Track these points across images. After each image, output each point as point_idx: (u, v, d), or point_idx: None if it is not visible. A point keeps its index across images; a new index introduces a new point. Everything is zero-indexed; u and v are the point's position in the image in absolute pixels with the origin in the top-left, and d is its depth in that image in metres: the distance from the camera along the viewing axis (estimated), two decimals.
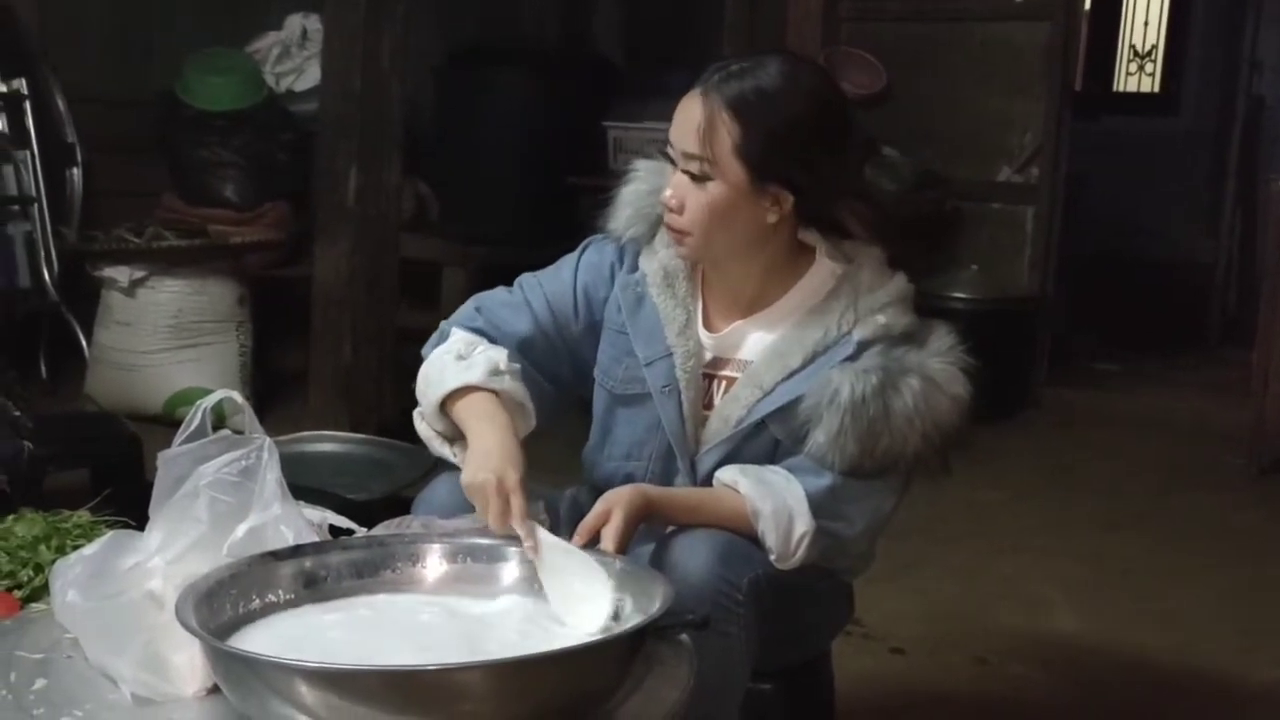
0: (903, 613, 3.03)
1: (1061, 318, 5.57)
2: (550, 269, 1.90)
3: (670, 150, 1.72)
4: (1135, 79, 8.42)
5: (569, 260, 1.89)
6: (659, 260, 1.81)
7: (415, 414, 1.80)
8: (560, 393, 1.87)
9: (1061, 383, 5.38)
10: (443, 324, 1.86)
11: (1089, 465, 4.56)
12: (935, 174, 5.24)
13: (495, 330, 1.82)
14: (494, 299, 1.87)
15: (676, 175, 1.71)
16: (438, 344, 1.82)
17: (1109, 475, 4.45)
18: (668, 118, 1.74)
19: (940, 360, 1.70)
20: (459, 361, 1.74)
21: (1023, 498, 4.14)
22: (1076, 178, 5.56)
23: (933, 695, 2.75)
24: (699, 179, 1.69)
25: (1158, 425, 5.03)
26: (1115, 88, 8.42)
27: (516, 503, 1.55)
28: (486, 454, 1.62)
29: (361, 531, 1.69)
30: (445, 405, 1.74)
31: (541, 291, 1.86)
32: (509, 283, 1.91)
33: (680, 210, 1.71)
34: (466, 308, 1.87)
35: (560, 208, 4.90)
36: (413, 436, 1.84)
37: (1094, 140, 6.43)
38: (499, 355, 1.75)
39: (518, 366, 1.76)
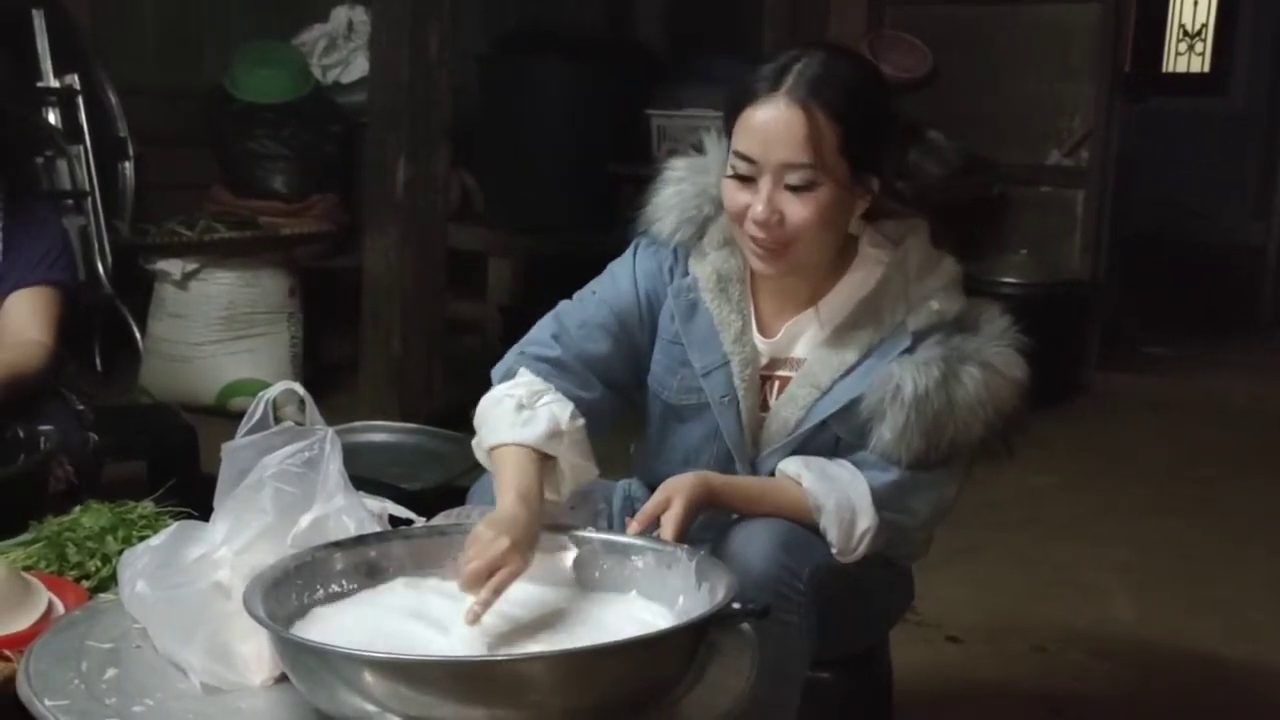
0: (959, 600, 3.01)
1: (1111, 302, 5.51)
2: (604, 280, 1.83)
3: (748, 168, 1.64)
4: (1185, 59, 8.31)
5: (622, 267, 1.83)
6: (710, 264, 1.76)
7: (474, 441, 1.72)
8: (627, 403, 1.83)
9: (1112, 367, 5.32)
10: (518, 347, 1.78)
11: (1142, 450, 4.51)
12: (981, 158, 5.20)
13: (572, 357, 1.75)
14: (570, 319, 1.79)
15: (768, 190, 1.63)
16: (506, 374, 1.74)
17: (1162, 460, 4.40)
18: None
19: (997, 344, 1.69)
20: (519, 412, 1.65)
21: (1076, 484, 4.10)
22: (1124, 160, 5.50)
23: (990, 684, 2.73)
24: (803, 188, 1.62)
25: (1210, 410, 4.97)
26: (1164, 68, 8.30)
27: (501, 575, 1.41)
28: (499, 521, 1.49)
29: (421, 522, 1.70)
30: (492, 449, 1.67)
31: (608, 307, 1.79)
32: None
33: (779, 225, 1.64)
34: (543, 332, 1.78)
35: (604, 196, 4.89)
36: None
37: (1142, 122, 6.35)
38: (562, 413, 1.66)
39: (581, 424, 1.68)
